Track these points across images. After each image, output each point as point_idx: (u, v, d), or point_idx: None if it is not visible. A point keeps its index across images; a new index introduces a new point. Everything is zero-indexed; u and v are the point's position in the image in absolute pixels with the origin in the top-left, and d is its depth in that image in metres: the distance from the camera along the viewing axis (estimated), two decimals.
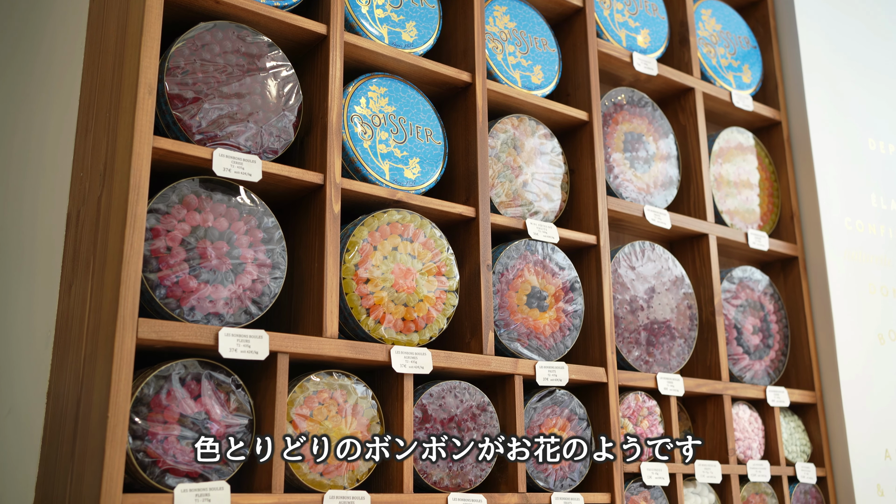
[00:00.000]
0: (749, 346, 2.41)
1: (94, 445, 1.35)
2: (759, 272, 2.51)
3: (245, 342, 1.48)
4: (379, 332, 1.68)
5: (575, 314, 2.00)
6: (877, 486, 2.43)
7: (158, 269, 1.45)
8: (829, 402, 2.48)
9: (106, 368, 1.36)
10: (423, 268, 1.76)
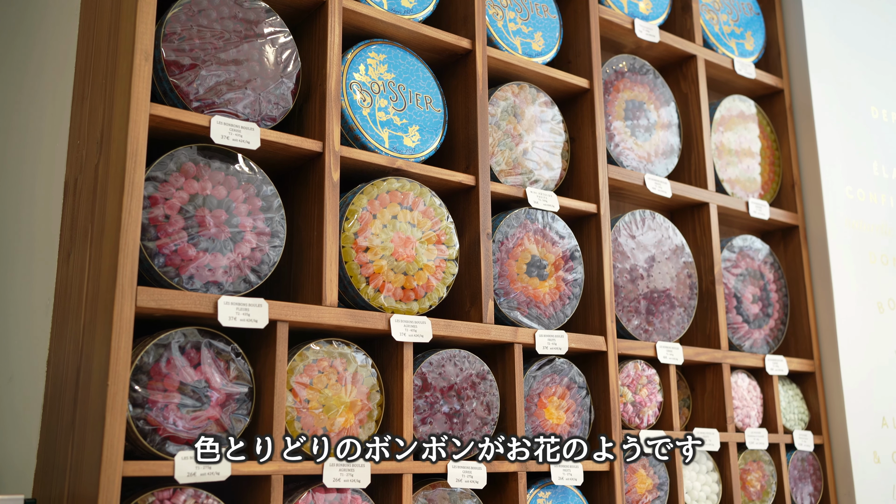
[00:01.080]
0: (748, 314, 2.41)
1: (94, 413, 1.35)
2: (759, 241, 2.50)
3: (244, 311, 1.47)
4: (378, 301, 1.68)
5: (575, 283, 2.00)
6: (873, 453, 2.45)
7: (157, 237, 1.44)
8: (828, 371, 2.48)
9: (105, 337, 1.35)
10: (422, 236, 1.75)
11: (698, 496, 2.14)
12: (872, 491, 2.41)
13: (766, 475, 2.30)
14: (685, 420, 2.26)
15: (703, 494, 2.15)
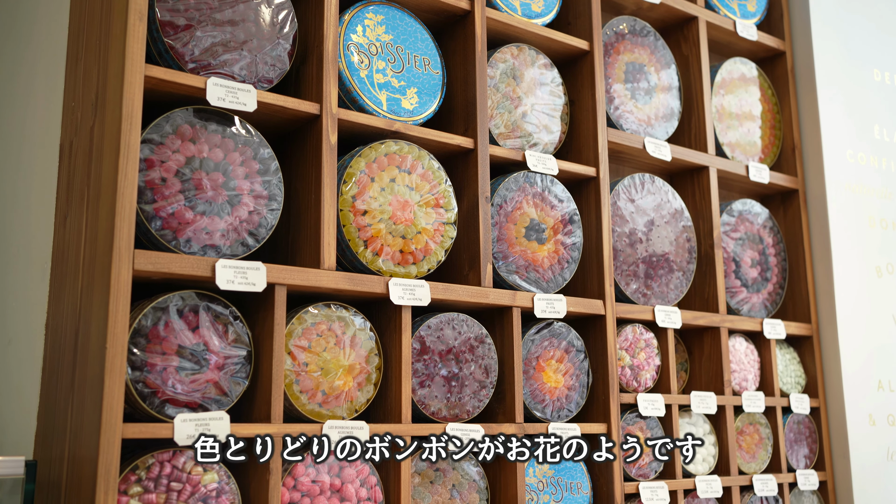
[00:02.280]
0: (747, 279, 2.40)
1: (93, 376, 1.35)
2: (758, 205, 2.49)
3: (242, 274, 1.47)
4: (377, 264, 1.67)
5: (573, 247, 1.99)
6: (868, 415, 2.46)
7: (153, 200, 1.43)
8: (825, 335, 2.49)
9: (103, 300, 1.35)
10: (421, 199, 1.74)
11: (695, 458, 2.15)
12: (867, 453, 2.43)
13: (762, 438, 2.32)
14: (682, 383, 2.27)
15: (700, 457, 2.17)
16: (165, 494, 1.38)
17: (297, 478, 1.52)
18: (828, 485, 2.42)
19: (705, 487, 2.10)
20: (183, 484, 1.39)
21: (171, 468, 1.39)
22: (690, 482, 2.09)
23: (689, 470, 2.13)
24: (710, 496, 2.11)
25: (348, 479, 1.56)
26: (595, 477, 1.95)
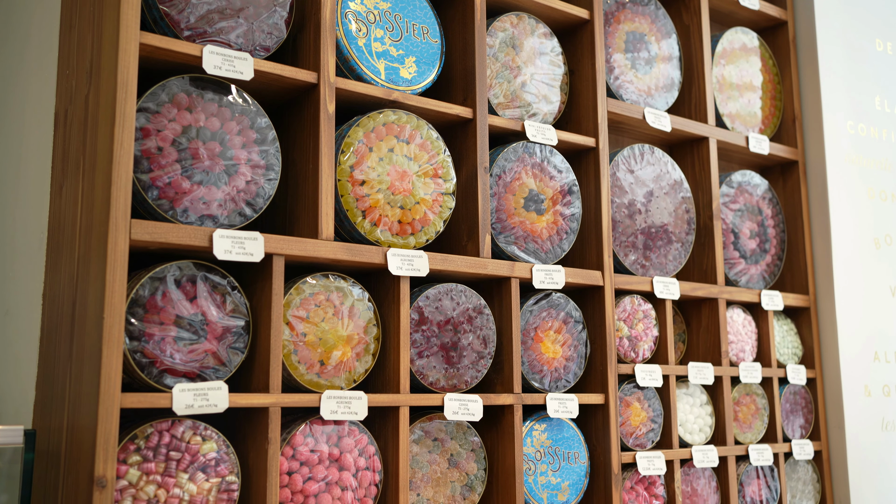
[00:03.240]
0: (745, 250, 2.40)
1: (91, 346, 1.34)
2: (758, 176, 2.48)
3: (240, 244, 1.46)
4: (375, 235, 1.66)
5: (572, 217, 1.98)
6: (864, 386, 2.47)
7: (150, 169, 1.42)
8: (822, 306, 2.49)
9: (100, 270, 1.34)
10: (419, 170, 1.73)
11: (692, 428, 2.16)
12: (862, 423, 2.45)
13: (758, 408, 2.32)
14: (680, 354, 2.27)
15: (697, 427, 2.17)
16: (164, 463, 1.38)
17: (296, 447, 1.52)
18: (823, 454, 2.43)
19: (701, 457, 2.11)
20: (182, 453, 1.39)
21: (170, 437, 1.39)
22: (687, 452, 2.10)
23: (686, 440, 2.14)
24: (706, 466, 2.12)
25: (347, 449, 1.57)
26: (592, 447, 1.96)
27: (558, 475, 1.88)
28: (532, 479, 1.83)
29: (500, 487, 1.79)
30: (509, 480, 1.76)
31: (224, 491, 1.43)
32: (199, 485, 1.40)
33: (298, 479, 1.51)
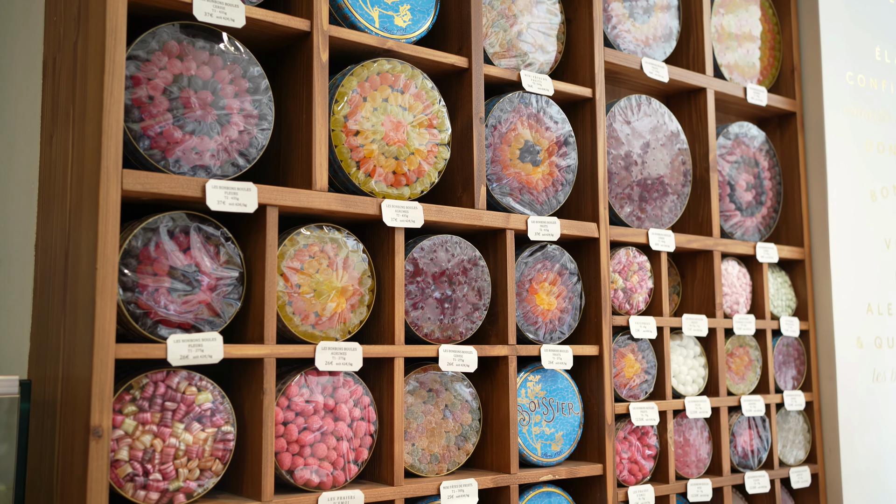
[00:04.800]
0: (741, 202, 2.39)
1: (84, 297, 1.34)
2: (755, 128, 2.46)
3: (233, 195, 1.45)
4: (369, 186, 1.65)
5: (568, 169, 1.97)
6: (857, 338, 2.49)
7: (141, 118, 1.40)
8: (817, 258, 2.50)
9: (92, 220, 1.33)
10: (414, 120, 1.71)
11: (685, 380, 2.18)
12: (853, 374, 2.47)
13: (751, 360, 2.34)
14: (674, 306, 2.28)
15: (690, 378, 2.19)
16: (160, 413, 1.39)
17: (291, 398, 1.53)
18: (814, 405, 2.46)
19: (694, 408, 2.13)
20: (177, 403, 1.40)
21: (166, 388, 1.40)
22: (680, 402, 2.11)
23: (679, 391, 2.16)
24: (698, 416, 2.14)
25: (342, 400, 1.57)
26: (586, 397, 1.97)
27: (552, 426, 1.90)
28: (526, 429, 1.85)
29: (494, 438, 1.80)
30: (503, 431, 1.78)
31: (220, 441, 1.44)
32: (195, 434, 1.41)
33: (294, 429, 1.52)
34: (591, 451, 1.96)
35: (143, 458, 1.36)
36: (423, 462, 1.70)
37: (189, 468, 1.40)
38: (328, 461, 1.55)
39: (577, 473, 1.89)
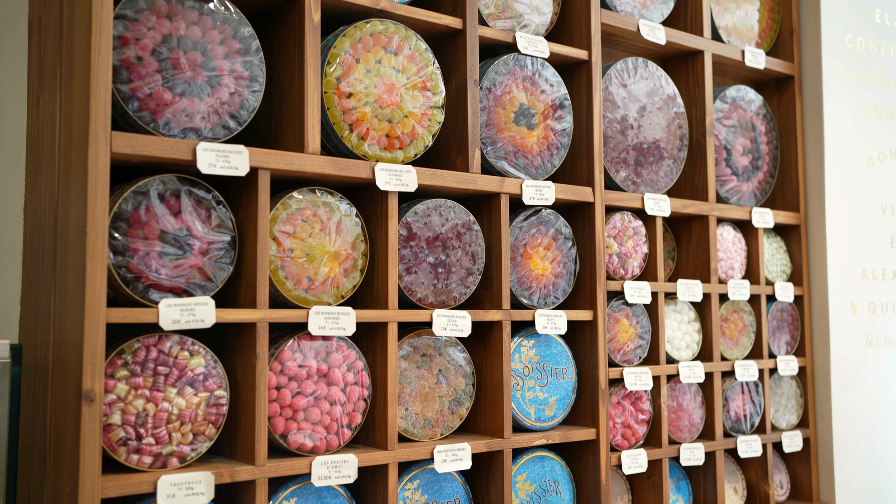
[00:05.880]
0: (738, 167, 2.39)
1: (74, 261, 1.33)
2: (752, 92, 2.45)
3: (224, 157, 1.44)
4: (362, 149, 1.64)
5: (563, 133, 1.96)
6: (850, 303, 2.50)
7: (130, 80, 1.38)
8: (813, 223, 2.50)
9: (81, 183, 1.32)
10: (407, 82, 1.70)
11: (679, 345, 2.19)
12: (846, 339, 2.48)
13: (745, 325, 2.35)
14: (669, 271, 2.28)
15: (684, 343, 2.20)
16: (153, 378, 1.39)
17: (284, 362, 1.53)
18: (807, 370, 2.48)
19: (688, 373, 2.14)
20: (169, 368, 1.40)
21: (158, 352, 1.40)
22: (673, 368, 2.13)
23: (673, 356, 2.17)
24: (692, 381, 2.16)
25: (335, 364, 1.58)
26: (580, 362, 1.98)
27: (546, 390, 1.91)
28: (520, 394, 1.86)
29: (487, 402, 1.81)
30: (497, 395, 1.79)
31: (213, 405, 1.44)
32: (188, 399, 1.41)
33: (287, 394, 1.52)
34: (585, 416, 1.97)
35: (136, 422, 1.37)
36: (417, 427, 1.71)
37: (182, 432, 1.41)
38: (321, 426, 1.56)
39: (570, 438, 1.90)
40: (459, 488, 1.77)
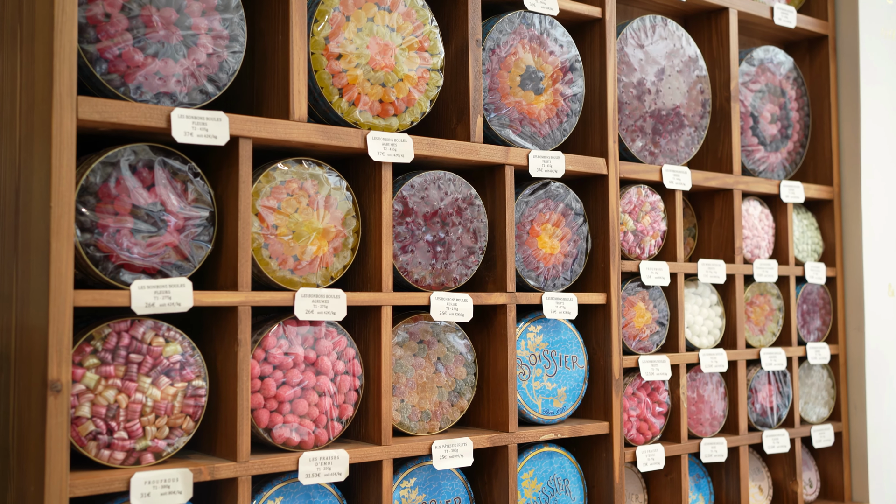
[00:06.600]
0: (765, 136, 2.39)
1: (38, 238, 1.33)
2: (782, 53, 2.44)
3: (202, 125, 1.44)
4: (353, 116, 1.64)
5: (574, 98, 1.96)
6: (888, 285, 2.50)
7: (97, 39, 1.38)
8: (847, 198, 2.50)
9: (45, 153, 1.32)
10: (403, 42, 1.69)
11: (700, 331, 2.20)
12: (882, 324, 2.49)
13: (772, 309, 2.36)
14: (689, 251, 2.29)
15: (706, 329, 2.21)
16: (124, 367, 1.39)
17: (268, 350, 1.54)
18: (839, 358, 2.49)
19: (709, 361, 2.15)
20: (143, 356, 1.41)
21: (130, 339, 1.40)
22: (694, 356, 2.13)
23: (693, 343, 2.18)
24: (714, 371, 2.17)
25: (324, 352, 1.58)
26: (591, 350, 1.99)
27: (554, 380, 1.91)
28: (526, 384, 1.87)
29: (490, 393, 1.82)
30: (501, 386, 1.80)
31: (191, 396, 1.45)
32: (164, 389, 1.42)
33: (271, 384, 1.53)
34: (597, 408, 1.98)
35: (107, 414, 1.37)
36: (414, 420, 1.72)
37: (157, 426, 1.41)
38: (309, 419, 1.57)
39: (581, 432, 1.91)
40: (460, 487, 1.78)
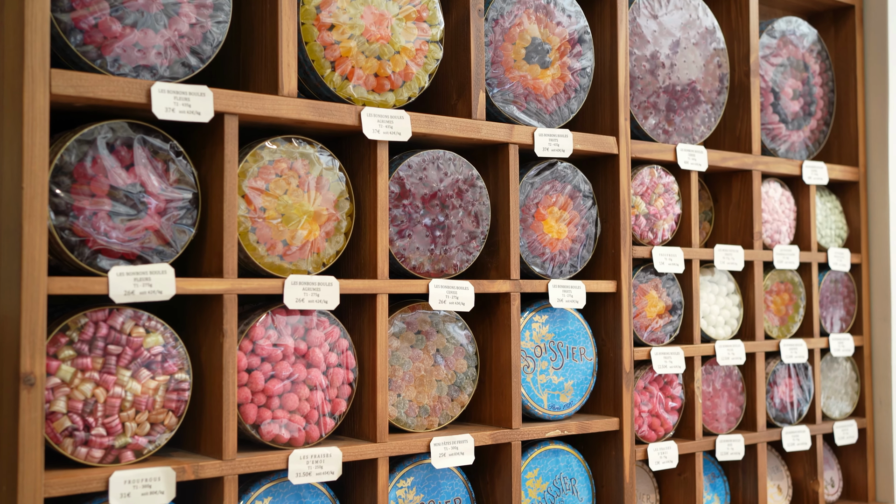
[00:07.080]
0: (787, 113, 2.38)
1: (9, 221, 1.33)
2: (805, 24, 2.44)
3: (184, 100, 1.43)
4: (347, 91, 1.64)
5: (583, 72, 1.95)
6: None
7: (72, 8, 1.37)
8: (874, 180, 2.49)
9: (15, 130, 1.32)
10: (399, 12, 1.69)
11: (716, 321, 2.20)
12: None
13: (793, 298, 2.35)
14: (706, 236, 2.29)
15: (722, 319, 2.21)
16: (102, 358, 1.39)
17: (256, 341, 1.54)
18: (864, 351, 2.49)
19: (726, 353, 2.15)
20: (122, 347, 1.40)
21: (108, 329, 1.40)
22: (710, 347, 2.13)
23: (709, 334, 2.18)
24: (731, 363, 2.17)
25: (315, 343, 1.58)
26: (601, 341, 1.99)
27: (561, 373, 1.92)
28: (530, 377, 1.87)
29: (493, 387, 1.82)
30: (504, 379, 1.80)
31: (173, 390, 1.45)
32: (144, 383, 1.42)
33: (259, 377, 1.53)
34: (606, 403, 1.98)
35: (84, 409, 1.37)
36: (411, 415, 1.72)
37: (138, 422, 1.41)
38: (300, 414, 1.57)
39: (589, 428, 1.92)
40: (460, 486, 1.78)
